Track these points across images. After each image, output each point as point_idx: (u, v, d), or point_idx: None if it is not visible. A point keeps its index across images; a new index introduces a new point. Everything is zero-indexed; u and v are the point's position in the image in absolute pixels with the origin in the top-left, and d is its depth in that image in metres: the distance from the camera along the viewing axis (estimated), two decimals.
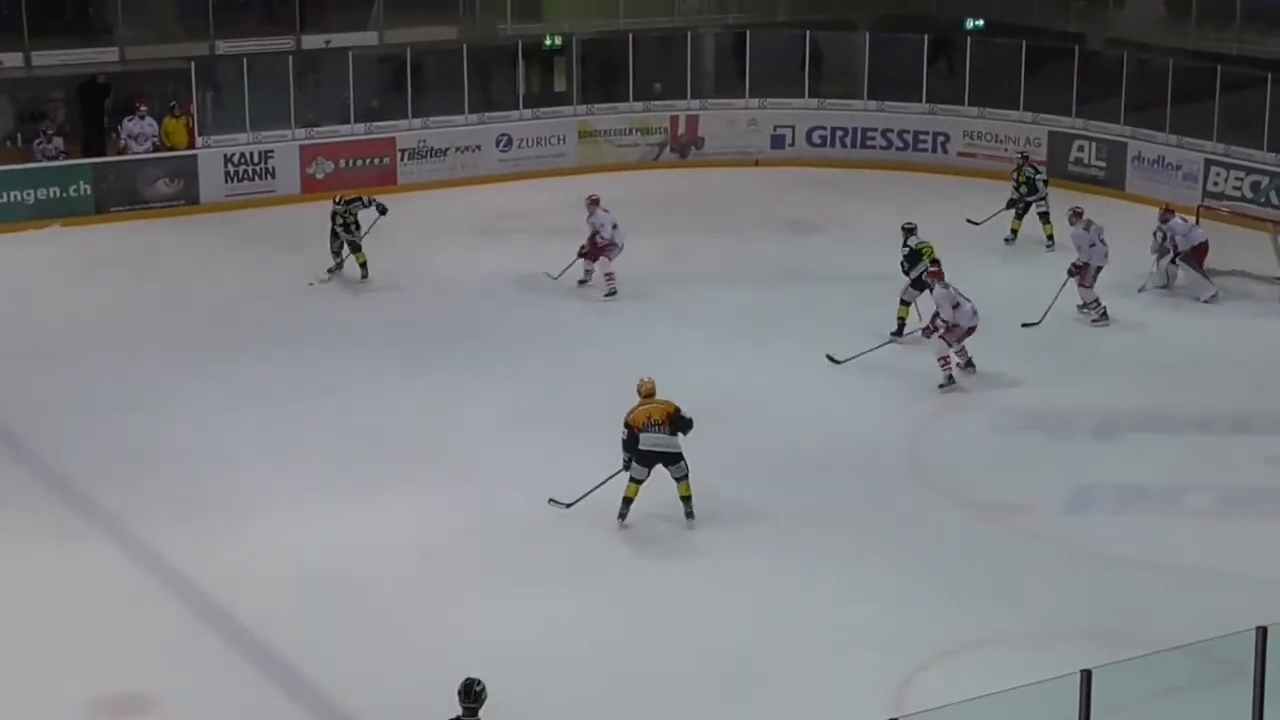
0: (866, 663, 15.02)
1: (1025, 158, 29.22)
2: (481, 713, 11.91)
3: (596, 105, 33.97)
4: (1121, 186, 31.60)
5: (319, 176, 30.88)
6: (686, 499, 17.59)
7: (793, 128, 34.27)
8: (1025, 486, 18.85)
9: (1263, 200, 28.97)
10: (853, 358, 22.32)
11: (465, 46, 32.93)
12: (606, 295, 25.23)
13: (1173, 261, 25.25)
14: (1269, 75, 30.15)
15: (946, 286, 21.54)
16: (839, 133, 34.26)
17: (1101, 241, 24.17)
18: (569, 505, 17.90)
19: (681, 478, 17.52)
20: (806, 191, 31.87)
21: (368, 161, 31.70)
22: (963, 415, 20.99)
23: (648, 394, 17.69)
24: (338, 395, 21.44)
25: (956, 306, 21.40)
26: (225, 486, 18.73)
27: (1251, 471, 19.23)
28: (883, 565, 16.76)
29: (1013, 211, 28.04)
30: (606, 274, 25.35)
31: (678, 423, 17.43)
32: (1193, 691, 12.56)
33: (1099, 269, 24.16)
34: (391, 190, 30.81)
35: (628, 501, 17.51)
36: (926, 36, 34.08)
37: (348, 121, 31.93)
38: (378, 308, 25.18)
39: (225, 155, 30.70)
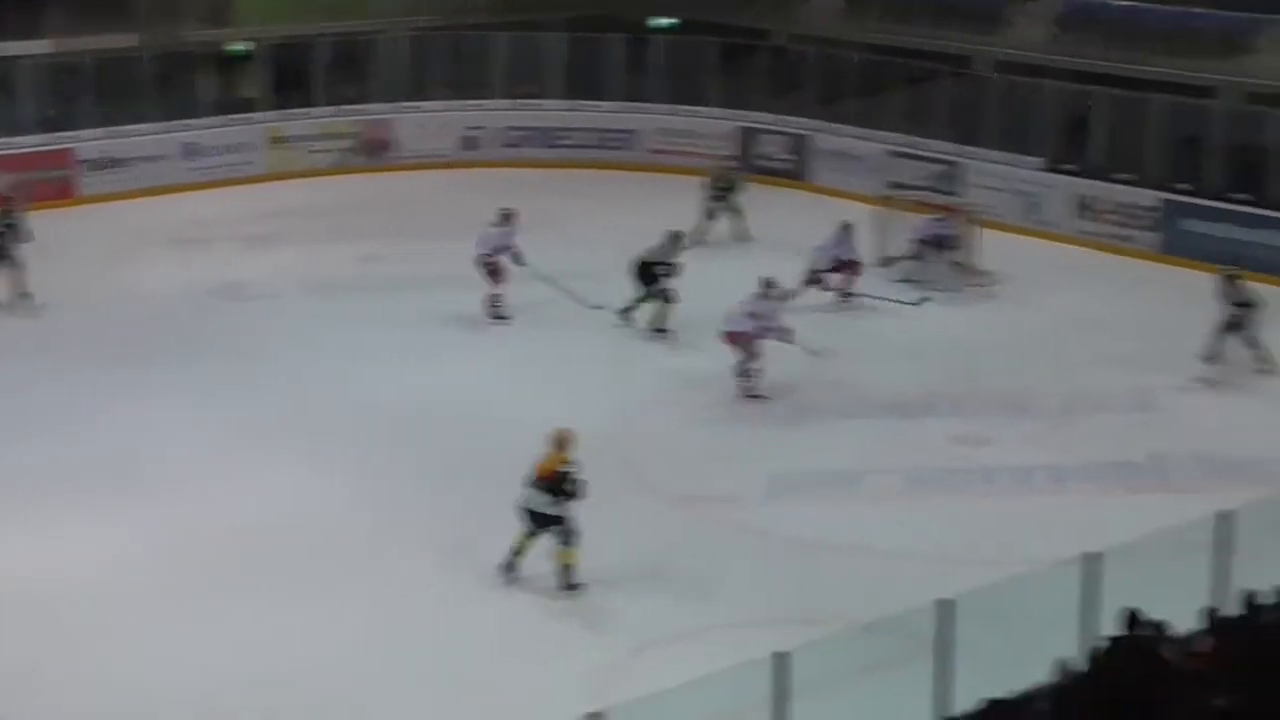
0: (570, 658, 15.22)
1: (727, 162, 29.92)
2: None
3: (286, 111, 33.68)
4: (808, 178, 32.43)
5: None
6: (564, 567, 16.35)
7: (485, 129, 34.43)
8: (724, 477, 19.26)
9: (942, 189, 29.95)
10: None
11: (147, 54, 32.39)
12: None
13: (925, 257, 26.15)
14: (946, 68, 31.23)
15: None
16: (532, 133, 34.53)
17: None
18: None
19: (559, 542, 16.30)
20: (503, 192, 31.73)
21: (45, 173, 30.74)
22: (663, 409, 21.34)
23: (551, 444, 16.44)
24: (31, 413, 20.96)
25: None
26: None
27: (936, 452, 19.94)
28: (586, 560, 16.84)
29: (710, 216, 28.52)
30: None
31: (554, 480, 16.22)
32: (884, 667, 13.02)
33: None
34: (73, 203, 30.21)
35: (516, 553, 16.55)
36: (616, 35, 34.52)
37: (23, 132, 31.08)
38: (70, 323, 24.56)
39: None
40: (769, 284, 21.79)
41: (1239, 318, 22.20)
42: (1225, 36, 30.37)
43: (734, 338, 21.54)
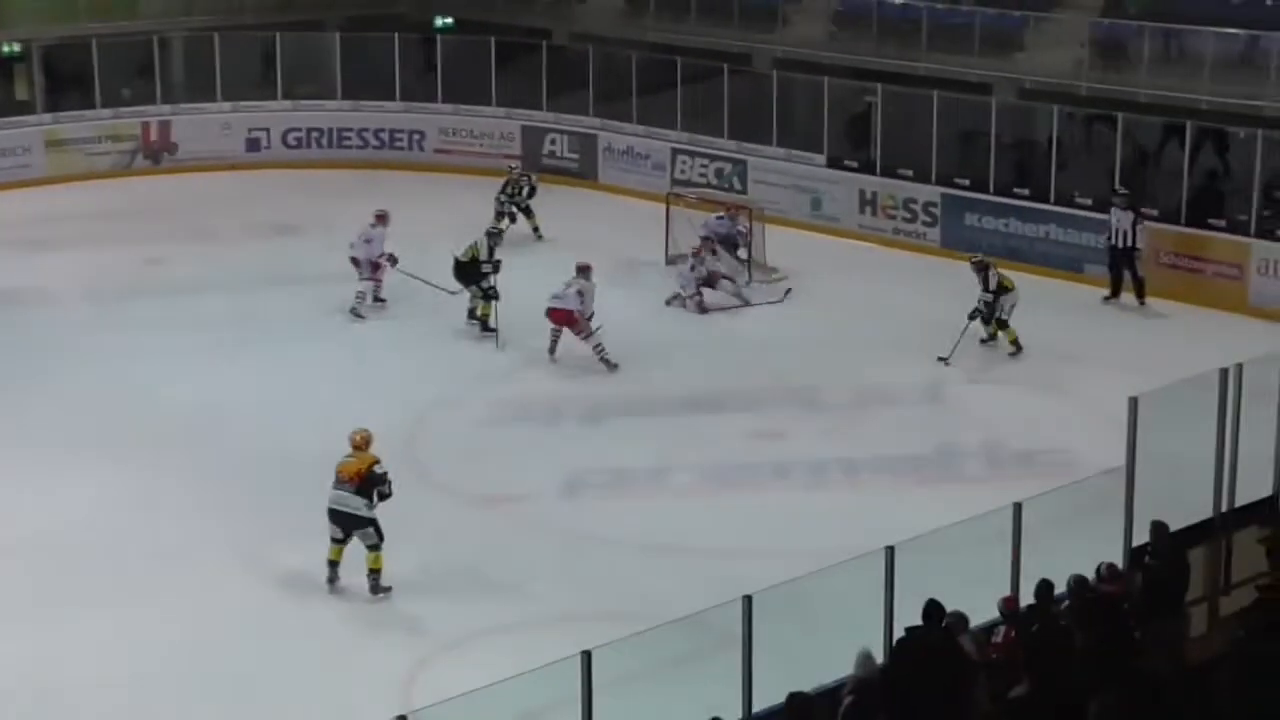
0: (376, 663, 15.15)
1: (518, 163, 29.89)
2: None
3: (63, 113, 32.94)
4: (594, 177, 32.50)
5: None
6: (371, 572, 16.22)
7: (268, 130, 34.00)
8: (520, 476, 19.24)
9: (726, 186, 30.21)
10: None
11: None
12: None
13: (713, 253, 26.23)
14: (725, 66, 31.45)
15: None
16: (315, 134, 34.18)
17: None
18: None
19: (370, 546, 16.15)
20: (286, 194, 31.68)
21: None
22: (454, 409, 21.29)
23: (355, 445, 16.27)
24: None
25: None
26: None
27: (733, 447, 20.09)
28: (390, 563, 16.56)
29: (506, 217, 28.36)
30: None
31: (367, 482, 16.05)
32: (688, 662, 13.16)
33: None
34: None
35: (331, 564, 16.33)
36: (398, 35, 34.33)
37: None
38: None
39: None
40: (584, 267, 22.69)
41: (989, 303, 22.85)
42: (997, 34, 30.94)
43: (558, 315, 22.43)
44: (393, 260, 24.62)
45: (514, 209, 28.47)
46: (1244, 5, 28.89)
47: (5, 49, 33.25)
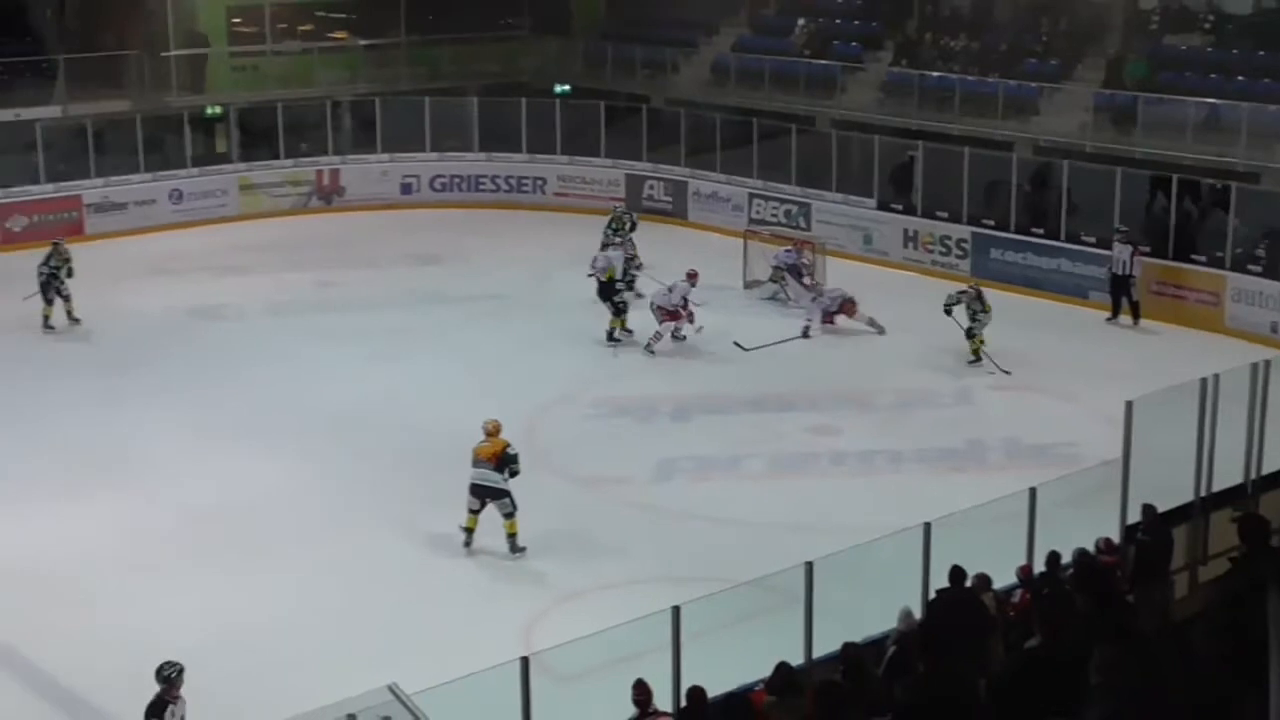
0: (500, 612, 15.26)
1: (620, 204, 29.93)
2: (182, 691, 11.75)
3: (254, 163, 33.32)
4: (685, 216, 32.51)
5: (16, 230, 29.62)
6: (510, 536, 16.40)
7: (418, 177, 34.19)
8: (621, 462, 19.27)
9: (793, 224, 30.16)
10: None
11: (139, 116, 32.09)
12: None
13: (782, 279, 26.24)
14: (793, 126, 31.42)
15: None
16: (456, 180, 34.37)
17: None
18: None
19: (506, 515, 16.32)
20: (432, 229, 31.88)
21: (58, 215, 30.38)
22: (567, 406, 21.33)
23: (488, 433, 16.51)
24: (41, 414, 20.65)
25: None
26: None
27: (795, 440, 20.04)
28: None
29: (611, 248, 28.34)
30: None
31: (503, 460, 16.27)
32: (760, 617, 13.12)
33: None
34: (81, 239, 29.73)
35: (468, 531, 16.54)
36: (524, 100, 34.52)
37: (38, 182, 30.67)
38: (75, 340, 24.25)
39: None
40: (691, 273, 23.74)
41: (978, 322, 22.81)
42: (1017, 101, 30.78)
43: (657, 309, 23.35)
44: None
45: (618, 241, 28.52)
46: (1218, 79, 28.65)
47: (209, 111, 33.71)
